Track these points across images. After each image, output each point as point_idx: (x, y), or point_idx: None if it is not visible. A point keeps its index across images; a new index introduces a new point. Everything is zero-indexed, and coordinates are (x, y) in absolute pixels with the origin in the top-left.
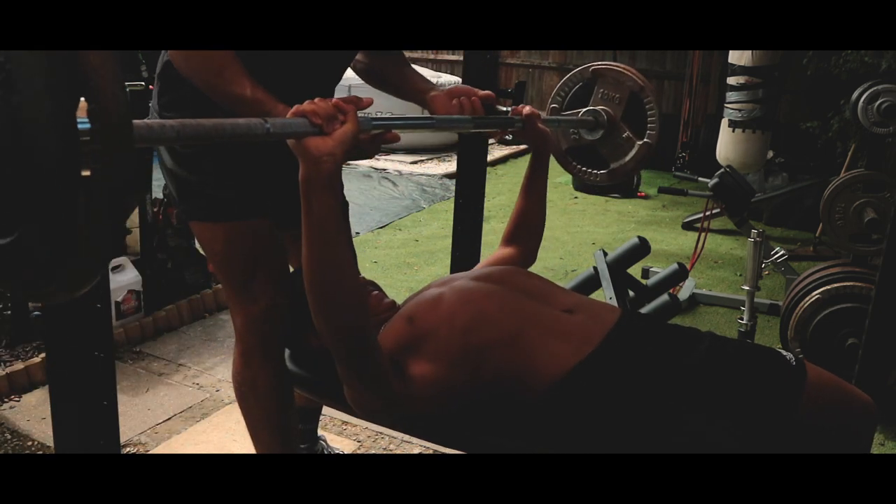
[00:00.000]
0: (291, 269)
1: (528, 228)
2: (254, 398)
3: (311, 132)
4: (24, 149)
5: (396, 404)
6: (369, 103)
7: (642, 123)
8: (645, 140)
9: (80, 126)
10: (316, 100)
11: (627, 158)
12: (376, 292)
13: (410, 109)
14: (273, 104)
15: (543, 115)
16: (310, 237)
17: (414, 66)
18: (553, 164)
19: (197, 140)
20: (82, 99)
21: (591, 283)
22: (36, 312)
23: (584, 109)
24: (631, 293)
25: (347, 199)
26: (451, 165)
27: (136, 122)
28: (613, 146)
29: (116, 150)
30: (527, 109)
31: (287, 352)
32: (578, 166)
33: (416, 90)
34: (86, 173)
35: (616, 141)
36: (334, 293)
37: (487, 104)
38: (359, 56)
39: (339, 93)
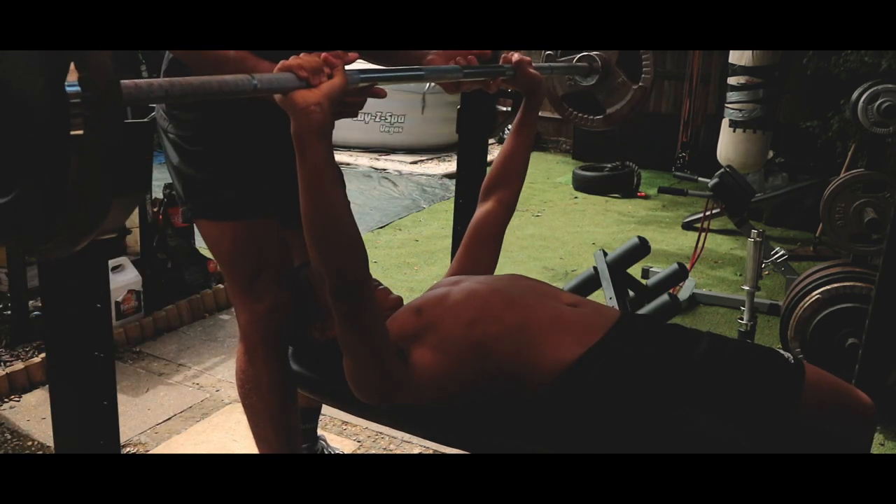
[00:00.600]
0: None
1: (511, 171)
2: (257, 396)
3: (297, 86)
4: (15, 111)
5: (394, 387)
6: (355, 58)
7: (637, 68)
8: (640, 84)
9: (70, 89)
10: (302, 54)
11: (623, 103)
12: (382, 287)
13: (410, 108)
14: (256, 61)
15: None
16: (306, 187)
17: None
18: (553, 165)
19: (185, 97)
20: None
21: (591, 283)
22: (36, 312)
23: (579, 55)
24: (631, 293)
25: (348, 199)
26: (451, 165)
27: (123, 81)
28: (609, 91)
29: (106, 110)
30: (515, 56)
31: (289, 349)
32: (574, 112)
33: (415, 57)
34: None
35: (611, 86)
36: (333, 241)
37: (484, 61)
38: None
39: None
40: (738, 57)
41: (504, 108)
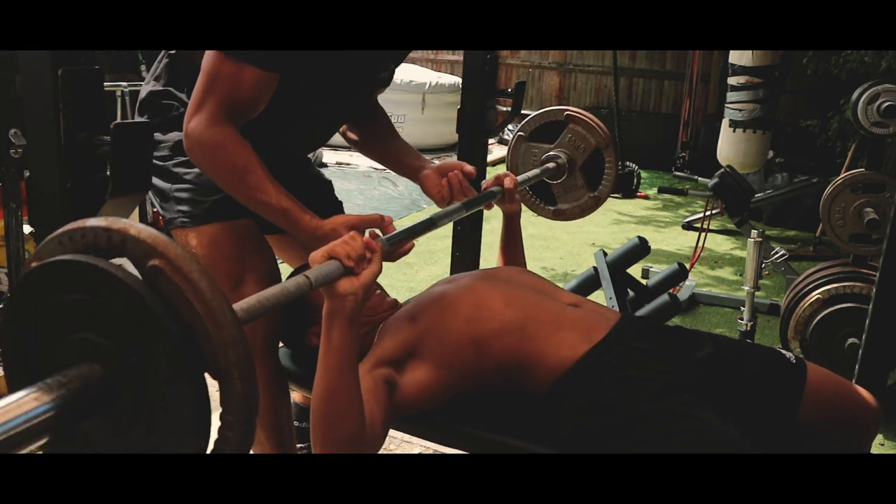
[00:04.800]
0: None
1: None
2: None
3: (343, 274)
4: (159, 400)
5: (393, 422)
6: (390, 222)
7: (598, 177)
8: (595, 194)
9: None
10: (347, 237)
11: (574, 205)
12: (378, 291)
13: (410, 108)
14: (299, 213)
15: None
16: (325, 365)
17: (403, 77)
18: None
19: (265, 313)
20: None
21: (591, 283)
22: None
23: (551, 153)
24: (631, 293)
25: (347, 199)
26: None
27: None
28: (566, 188)
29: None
30: (507, 182)
31: (287, 351)
32: (532, 196)
33: (409, 167)
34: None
35: (569, 184)
36: (338, 421)
37: (470, 179)
38: (352, 132)
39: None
40: (738, 57)
41: (504, 108)
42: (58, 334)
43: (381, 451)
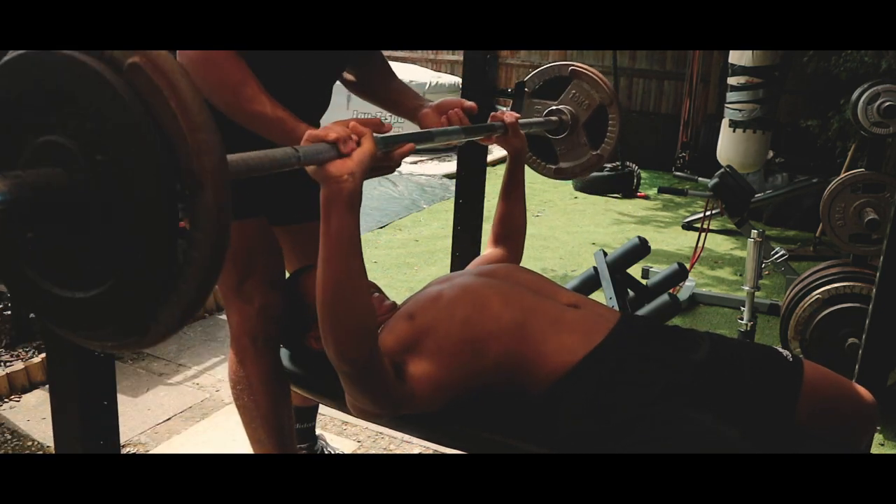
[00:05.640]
0: (286, 268)
1: (513, 230)
2: (248, 397)
3: (333, 156)
4: (125, 205)
5: (398, 408)
6: (389, 128)
7: (601, 135)
8: (598, 152)
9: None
10: (330, 124)
11: (576, 163)
12: (377, 294)
13: None
14: (294, 122)
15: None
16: (327, 255)
17: (403, 77)
18: None
19: (250, 172)
20: None
21: (591, 283)
22: None
23: (553, 108)
24: (631, 293)
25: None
26: (451, 165)
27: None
28: (569, 146)
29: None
30: (508, 117)
31: (286, 352)
32: (531, 156)
33: (407, 107)
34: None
35: (573, 142)
36: (342, 315)
37: (470, 113)
38: (349, 73)
39: (340, 105)
40: (738, 57)
41: (504, 108)
42: (23, 137)
43: (381, 451)
